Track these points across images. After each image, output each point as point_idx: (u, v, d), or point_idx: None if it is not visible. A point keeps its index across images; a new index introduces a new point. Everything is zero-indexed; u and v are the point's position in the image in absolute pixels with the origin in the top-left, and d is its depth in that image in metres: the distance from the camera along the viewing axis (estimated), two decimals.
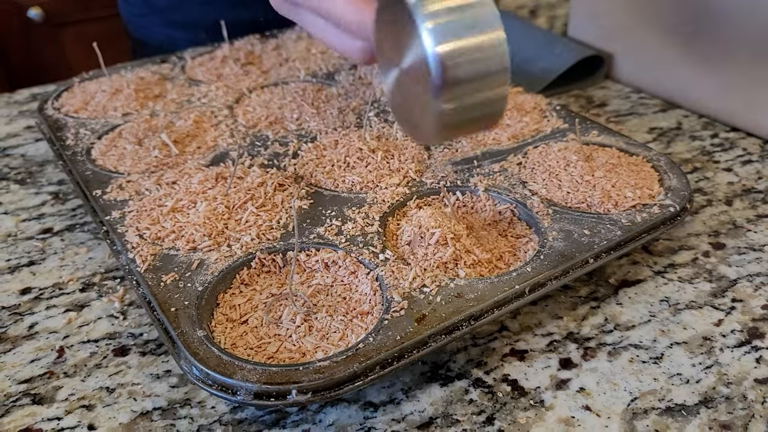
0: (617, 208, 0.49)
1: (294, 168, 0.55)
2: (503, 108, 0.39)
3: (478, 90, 0.37)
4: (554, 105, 0.64)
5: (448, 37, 0.36)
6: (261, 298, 0.43)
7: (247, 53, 0.75)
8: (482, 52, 0.37)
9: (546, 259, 0.44)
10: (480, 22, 0.37)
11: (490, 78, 0.37)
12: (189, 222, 0.47)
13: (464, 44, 0.36)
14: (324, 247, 0.46)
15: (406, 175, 0.53)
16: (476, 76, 0.37)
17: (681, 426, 0.38)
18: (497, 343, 0.44)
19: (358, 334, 0.40)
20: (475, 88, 0.37)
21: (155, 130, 0.60)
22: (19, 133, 0.71)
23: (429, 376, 0.41)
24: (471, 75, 0.37)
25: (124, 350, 0.44)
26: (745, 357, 0.42)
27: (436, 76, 0.36)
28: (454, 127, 0.39)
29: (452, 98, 0.37)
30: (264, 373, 0.36)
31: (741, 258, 0.50)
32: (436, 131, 0.38)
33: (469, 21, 0.37)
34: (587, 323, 0.45)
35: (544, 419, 0.38)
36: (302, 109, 0.64)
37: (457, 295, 0.41)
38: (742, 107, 0.66)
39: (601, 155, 0.54)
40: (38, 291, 0.49)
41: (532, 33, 0.82)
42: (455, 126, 0.38)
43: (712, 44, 0.66)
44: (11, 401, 0.40)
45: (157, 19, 0.93)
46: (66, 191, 0.61)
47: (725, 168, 0.62)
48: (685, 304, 0.46)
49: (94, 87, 0.69)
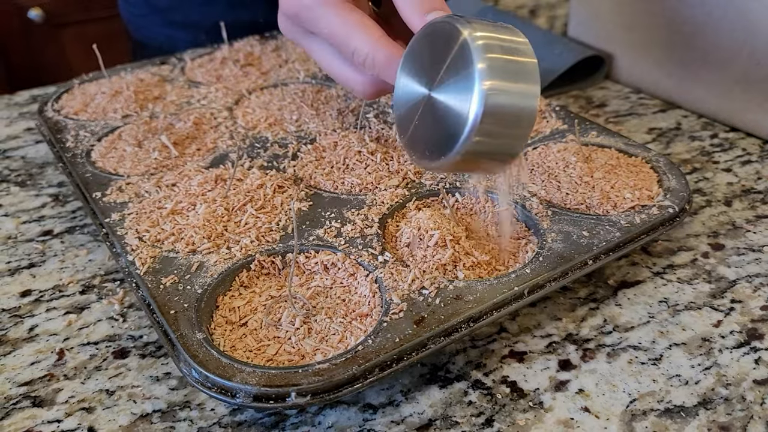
0: (616, 209, 0.49)
1: (293, 170, 0.55)
2: (518, 153, 0.40)
3: (504, 137, 0.38)
4: (553, 106, 0.64)
5: (498, 80, 0.37)
6: (260, 300, 0.43)
7: (247, 54, 0.75)
8: (520, 103, 0.38)
9: (545, 260, 0.44)
10: (525, 72, 0.38)
11: (518, 127, 0.38)
12: (188, 224, 0.47)
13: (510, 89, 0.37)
14: (323, 249, 0.46)
15: (405, 177, 0.53)
16: (508, 123, 0.38)
17: (680, 427, 0.38)
18: (496, 344, 0.44)
19: (357, 337, 0.40)
20: (502, 135, 0.38)
21: (155, 131, 0.60)
22: (19, 135, 0.71)
23: (428, 378, 0.41)
24: (504, 122, 0.37)
25: (124, 352, 0.44)
26: (744, 358, 0.42)
27: (478, 114, 0.36)
28: (470, 162, 0.39)
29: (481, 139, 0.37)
30: (263, 376, 0.36)
31: (740, 259, 0.50)
32: (452, 163, 0.39)
33: (516, 68, 0.38)
34: (586, 324, 0.45)
35: (543, 421, 0.38)
36: (301, 111, 0.64)
37: (456, 296, 0.41)
38: (741, 107, 0.66)
39: (600, 156, 0.54)
40: (38, 293, 0.49)
41: (532, 33, 0.81)
42: (471, 162, 0.39)
43: (710, 44, 0.66)
44: (11, 404, 0.40)
45: (157, 19, 0.93)
46: (66, 193, 0.61)
47: (725, 168, 0.62)
48: (684, 305, 0.46)
49: (94, 89, 0.69)
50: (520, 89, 0.37)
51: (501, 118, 0.37)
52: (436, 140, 0.39)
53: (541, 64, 0.74)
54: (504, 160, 0.40)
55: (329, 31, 0.46)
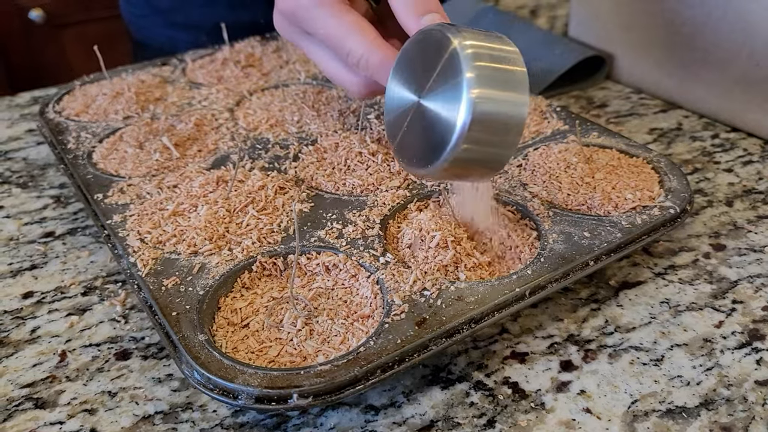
0: (617, 210, 0.49)
1: (295, 171, 0.55)
2: (507, 161, 0.40)
3: (492, 145, 0.38)
4: (554, 106, 0.64)
5: (486, 88, 0.37)
6: (262, 301, 0.43)
7: (248, 55, 0.76)
8: (509, 112, 0.38)
9: (546, 261, 0.44)
10: (513, 81, 0.38)
11: (507, 136, 0.38)
12: (190, 226, 0.47)
13: (498, 98, 0.37)
14: (325, 250, 0.46)
15: (407, 178, 0.53)
16: (496, 132, 0.38)
17: (681, 428, 0.38)
18: (498, 345, 0.44)
19: (359, 338, 0.40)
20: (490, 143, 0.38)
21: (156, 133, 0.60)
22: (21, 137, 0.71)
23: (430, 379, 0.41)
24: (492, 130, 0.38)
25: (126, 354, 0.44)
26: (746, 359, 0.42)
27: (466, 122, 0.36)
28: (459, 170, 0.40)
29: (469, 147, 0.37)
30: (265, 377, 0.36)
31: (741, 259, 0.50)
32: (440, 170, 0.39)
33: (504, 77, 0.38)
34: (588, 325, 0.45)
35: (544, 422, 0.38)
36: (303, 112, 0.64)
37: (457, 298, 0.41)
38: (741, 107, 0.66)
39: (601, 157, 0.54)
40: (40, 295, 0.49)
41: (533, 33, 0.82)
42: (460, 169, 0.40)
43: (710, 45, 0.66)
44: (14, 405, 0.40)
45: (158, 20, 0.93)
46: (67, 195, 0.61)
47: (726, 169, 0.62)
48: (686, 305, 0.46)
49: (95, 90, 0.69)
50: (508, 98, 0.37)
51: (489, 126, 0.37)
52: (425, 147, 0.40)
53: (542, 65, 0.75)
54: (493, 168, 0.41)
55: (325, 32, 0.46)
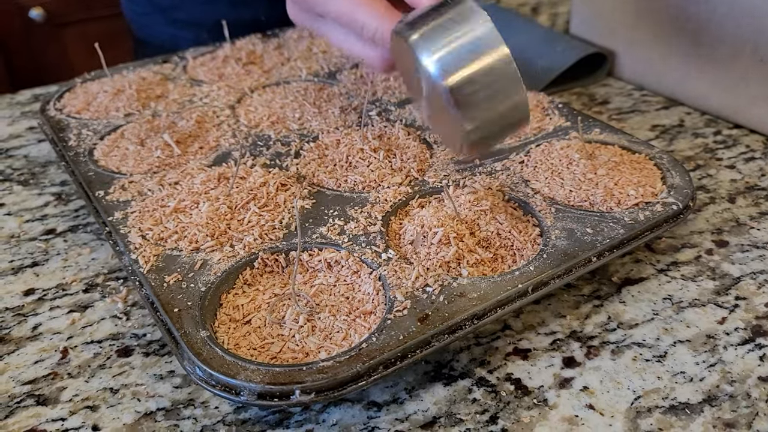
0: (620, 206, 0.49)
1: (296, 168, 0.55)
2: (526, 112, 0.40)
3: (497, 106, 0.39)
4: (556, 103, 0.64)
5: (454, 67, 0.37)
6: (264, 298, 0.43)
7: (249, 53, 0.75)
8: (491, 74, 0.38)
9: (549, 257, 0.44)
10: (481, 43, 0.38)
11: (505, 93, 0.38)
12: (192, 222, 0.47)
13: (471, 70, 0.37)
14: (327, 246, 0.46)
15: (409, 175, 0.53)
16: (491, 95, 0.38)
17: (685, 424, 0.38)
18: (500, 342, 0.44)
19: (361, 334, 0.40)
20: (492, 106, 0.38)
21: (157, 130, 0.60)
22: (22, 134, 0.71)
23: (432, 376, 0.41)
24: (485, 96, 0.38)
25: (128, 351, 0.44)
26: (749, 355, 0.42)
27: (452, 106, 0.36)
28: (483, 139, 0.40)
29: (472, 119, 0.37)
30: (267, 374, 0.36)
31: (744, 255, 0.50)
32: (468, 146, 0.40)
33: (470, 45, 0.38)
34: (590, 322, 0.45)
35: (547, 418, 0.38)
36: (304, 109, 0.64)
37: (460, 294, 0.41)
38: (745, 104, 0.66)
39: (603, 153, 0.54)
40: (42, 292, 0.49)
41: (534, 31, 0.81)
42: (484, 139, 0.40)
43: (714, 41, 0.66)
44: (15, 402, 0.40)
45: (160, 17, 0.93)
46: (69, 192, 0.61)
47: (728, 165, 0.62)
48: (689, 302, 0.46)
49: (96, 87, 0.69)
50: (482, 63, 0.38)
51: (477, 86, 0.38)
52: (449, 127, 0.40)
53: (543, 62, 0.75)
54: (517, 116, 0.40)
55: (336, 11, 0.47)
